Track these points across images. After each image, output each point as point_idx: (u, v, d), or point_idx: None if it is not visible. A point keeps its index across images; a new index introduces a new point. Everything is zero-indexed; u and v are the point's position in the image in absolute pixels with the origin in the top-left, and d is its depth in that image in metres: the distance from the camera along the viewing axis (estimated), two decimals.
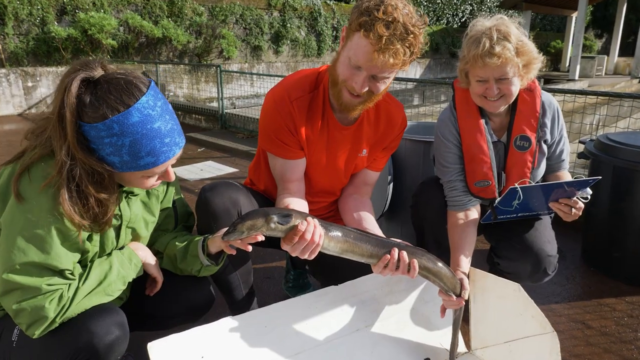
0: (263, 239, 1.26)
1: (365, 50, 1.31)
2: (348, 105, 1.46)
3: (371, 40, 1.28)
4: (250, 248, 1.29)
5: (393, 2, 1.30)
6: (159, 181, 1.30)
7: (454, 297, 1.50)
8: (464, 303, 1.54)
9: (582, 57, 15.19)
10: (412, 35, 1.31)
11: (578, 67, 14.36)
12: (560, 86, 11.23)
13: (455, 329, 1.61)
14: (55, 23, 8.73)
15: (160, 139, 1.17)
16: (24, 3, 8.30)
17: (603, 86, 12.71)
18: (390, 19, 1.27)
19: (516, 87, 1.64)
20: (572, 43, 15.43)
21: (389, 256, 1.32)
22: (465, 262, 1.65)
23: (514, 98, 1.68)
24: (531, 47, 1.60)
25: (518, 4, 15.59)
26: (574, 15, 16.05)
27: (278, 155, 1.59)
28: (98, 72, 1.15)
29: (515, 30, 1.58)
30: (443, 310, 1.60)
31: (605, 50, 22.17)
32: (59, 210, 1.14)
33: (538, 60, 1.63)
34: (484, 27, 1.60)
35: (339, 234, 1.30)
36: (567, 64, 16.92)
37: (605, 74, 17.52)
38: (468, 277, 1.64)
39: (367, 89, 1.40)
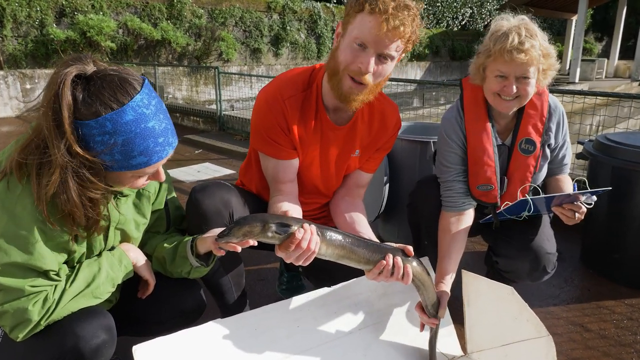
0: (256, 244, 1.23)
1: (373, 24, 1.29)
2: (348, 95, 1.40)
3: (377, 14, 1.27)
4: (239, 249, 1.26)
5: None
6: (148, 181, 1.27)
7: (428, 316, 1.52)
8: (438, 323, 1.55)
9: (582, 60, 15.15)
10: (413, 10, 1.32)
11: (578, 70, 14.34)
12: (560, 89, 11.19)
13: (432, 346, 1.61)
14: (54, 25, 8.71)
15: (154, 139, 1.14)
16: (22, 5, 8.28)
17: (603, 89, 12.69)
18: None
19: (532, 89, 1.62)
20: (572, 46, 15.42)
21: (384, 262, 1.30)
22: (449, 275, 1.65)
23: (527, 100, 1.66)
24: (553, 53, 1.60)
25: (518, 7, 15.55)
26: (574, 18, 16.03)
27: (271, 155, 1.56)
28: (90, 68, 1.11)
29: (541, 33, 1.58)
30: (422, 325, 1.60)
31: (606, 53, 22.13)
32: (41, 210, 1.10)
33: (555, 68, 1.63)
34: (511, 23, 1.58)
35: (335, 240, 1.27)
36: (568, 67, 16.88)
37: (606, 76, 17.50)
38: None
39: (373, 69, 1.34)
